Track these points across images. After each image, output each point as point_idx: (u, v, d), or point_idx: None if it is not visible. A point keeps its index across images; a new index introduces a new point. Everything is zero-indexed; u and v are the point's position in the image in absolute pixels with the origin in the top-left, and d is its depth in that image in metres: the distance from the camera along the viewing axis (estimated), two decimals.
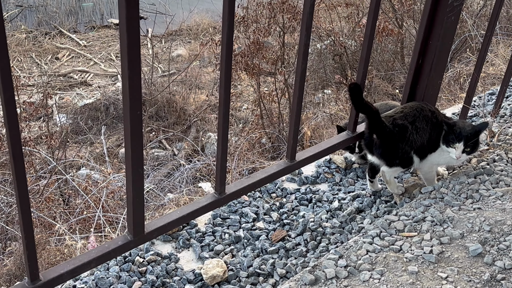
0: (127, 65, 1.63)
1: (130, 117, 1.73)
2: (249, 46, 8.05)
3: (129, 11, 1.55)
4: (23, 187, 1.64)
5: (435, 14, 2.49)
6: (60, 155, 6.59)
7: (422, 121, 2.43)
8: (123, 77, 1.68)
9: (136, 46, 1.62)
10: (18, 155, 1.58)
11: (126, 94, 1.69)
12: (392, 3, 8.65)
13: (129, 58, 1.62)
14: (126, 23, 1.56)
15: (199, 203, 2.16)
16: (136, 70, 1.65)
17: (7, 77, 1.45)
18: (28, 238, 1.72)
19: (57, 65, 10.41)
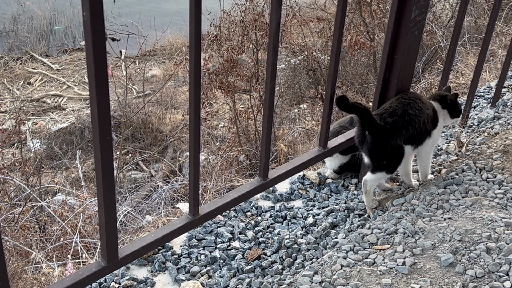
0: (95, 90, 1.64)
1: (100, 143, 1.73)
2: (223, 64, 8.09)
3: (95, 36, 1.56)
4: None
5: (399, 29, 2.55)
6: (35, 182, 6.52)
7: (413, 109, 2.48)
8: (91, 102, 1.69)
9: (103, 70, 1.63)
10: None
11: (95, 119, 1.70)
12: (363, 17, 8.78)
13: (97, 83, 1.63)
14: (92, 48, 1.57)
15: (173, 226, 2.16)
16: (104, 95, 1.66)
17: None
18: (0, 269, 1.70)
19: (30, 90, 10.33)
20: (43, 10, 12.55)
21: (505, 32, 7.00)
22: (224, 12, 8.22)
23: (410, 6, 2.46)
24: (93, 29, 1.55)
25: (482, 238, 2.16)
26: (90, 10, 1.52)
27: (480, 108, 3.67)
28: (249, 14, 8.06)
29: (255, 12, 8.04)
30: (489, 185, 2.54)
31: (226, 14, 8.21)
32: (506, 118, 3.28)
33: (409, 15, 2.47)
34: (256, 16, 7.98)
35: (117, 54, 11.20)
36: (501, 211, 2.33)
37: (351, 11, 8.72)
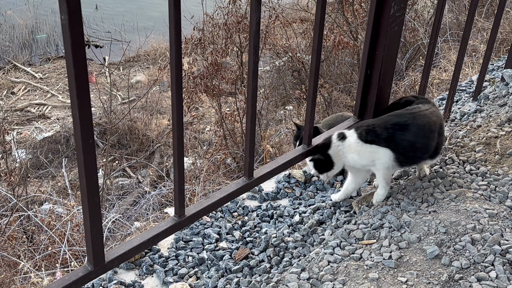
0: (75, 93, 1.64)
1: (83, 147, 1.73)
2: (208, 68, 8.08)
3: (74, 39, 1.56)
4: None
5: (379, 26, 2.57)
6: (21, 192, 6.47)
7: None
8: (72, 106, 1.68)
9: (83, 73, 1.62)
10: None
11: (77, 123, 1.69)
12: (346, 17, 8.82)
13: (77, 86, 1.62)
14: (71, 51, 1.57)
15: (160, 228, 2.16)
16: (85, 98, 1.66)
17: None
18: None
19: (13, 99, 10.27)
20: (24, 18, 12.48)
21: (486, 27, 7.07)
22: (207, 15, 8.21)
23: (389, 2, 2.48)
24: (72, 32, 1.55)
25: (466, 230, 2.17)
26: (68, 13, 1.51)
27: (462, 102, 3.71)
28: (232, 17, 8.06)
29: (238, 15, 8.04)
30: (473, 177, 2.56)
31: (209, 17, 8.20)
32: (488, 111, 3.31)
33: (389, 11, 2.49)
34: (239, 18, 7.98)
35: (101, 61, 11.17)
36: (485, 203, 2.35)
37: (333, 11, 8.76)
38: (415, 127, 2.44)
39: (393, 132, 2.43)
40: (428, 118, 2.47)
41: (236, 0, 8.09)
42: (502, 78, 3.60)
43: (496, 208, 2.29)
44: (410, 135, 2.44)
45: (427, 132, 2.46)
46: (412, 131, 2.44)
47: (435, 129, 2.48)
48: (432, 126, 2.47)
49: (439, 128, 2.52)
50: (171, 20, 1.86)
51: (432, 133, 2.47)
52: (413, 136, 2.44)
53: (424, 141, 2.46)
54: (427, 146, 2.48)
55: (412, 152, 2.47)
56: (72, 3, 1.51)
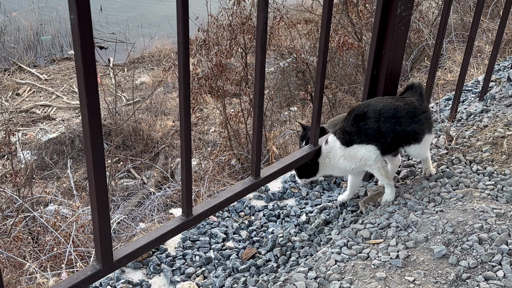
0: (84, 92, 1.64)
1: (91, 146, 1.74)
2: (212, 69, 8.09)
3: (83, 38, 1.56)
4: None
5: (386, 25, 2.57)
6: (26, 193, 6.48)
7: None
8: (81, 105, 1.69)
9: (92, 72, 1.63)
10: None
11: (86, 122, 1.70)
12: (350, 18, 8.82)
13: (86, 85, 1.63)
14: (81, 50, 1.58)
15: (167, 227, 2.17)
16: (94, 97, 1.67)
17: None
18: None
19: (18, 101, 10.28)
20: (29, 20, 12.50)
21: (491, 28, 7.06)
22: (212, 16, 8.23)
23: (396, 1, 2.48)
24: (81, 31, 1.56)
25: (474, 229, 2.17)
26: (77, 12, 1.52)
27: (468, 102, 3.70)
28: (237, 18, 8.07)
29: (242, 16, 8.05)
30: (479, 177, 2.56)
31: (213, 18, 8.22)
32: (494, 111, 3.31)
33: (395, 11, 2.50)
34: (243, 19, 7.99)
35: (106, 62, 11.18)
36: (492, 202, 2.35)
37: (338, 12, 8.75)
38: (371, 113, 2.46)
39: (357, 125, 2.48)
40: (385, 103, 2.48)
41: (240, 1, 8.10)
42: (509, 78, 3.60)
43: (503, 208, 2.29)
44: (371, 122, 2.46)
45: (387, 116, 2.46)
46: (370, 118, 2.46)
47: (401, 114, 2.46)
48: (395, 110, 2.46)
49: (412, 114, 2.50)
50: (179, 19, 1.87)
51: (396, 117, 2.46)
52: (374, 122, 2.46)
53: (388, 125, 2.46)
54: (395, 130, 2.47)
55: (383, 138, 2.48)
56: (82, 2, 1.52)
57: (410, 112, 2.48)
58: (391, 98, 2.54)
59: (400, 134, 2.48)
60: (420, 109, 2.51)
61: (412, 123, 2.48)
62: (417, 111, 2.50)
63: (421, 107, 2.53)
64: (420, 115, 2.50)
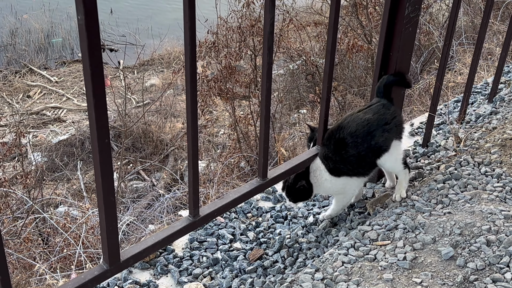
0: (91, 93, 1.65)
1: (99, 146, 1.74)
2: (222, 71, 8.11)
3: (90, 39, 1.57)
4: None
5: (393, 27, 2.56)
6: (37, 194, 6.52)
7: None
8: (88, 105, 1.70)
9: (99, 73, 1.64)
10: None
11: (93, 122, 1.71)
12: (360, 20, 8.81)
13: (93, 85, 1.64)
14: (88, 51, 1.59)
15: (174, 227, 2.17)
16: (101, 98, 1.67)
17: None
18: (4, 281, 1.71)
19: (29, 103, 10.36)
20: (40, 23, 12.60)
21: (502, 30, 7.02)
22: (221, 19, 8.24)
23: (404, 3, 2.48)
24: (88, 32, 1.57)
25: (482, 231, 2.16)
26: (84, 13, 1.53)
27: (477, 104, 3.68)
28: (246, 20, 8.09)
29: (251, 18, 8.07)
30: (488, 178, 2.55)
31: (223, 21, 8.24)
32: (503, 113, 3.29)
33: (403, 12, 2.49)
34: (253, 22, 8.01)
35: (116, 65, 11.25)
36: (500, 204, 2.34)
37: (347, 14, 8.75)
38: (349, 138, 2.39)
39: (339, 154, 2.41)
40: (357, 121, 2.40)
41: (250, 4, 8.13)
42: None
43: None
44: (351, 149, 2.39)
45: (363, 136, 2.39)
46: (349, 144, 2.39)
47: (374, 127, 2.39)
48: (368, 126, 2.39)
49: (383, 122, 2.41)
50: (185, 21, 1.88)
51: (370, 133, 2.39)
52: (353, 148, 2.39)
53: (365, 146, 2.39)
54: (371, 147, 2.40)
55: (364, 161, 2.43)
56: (89, 3, 1.53)
57: (380, 121, 2.41)
58: (361, 113, 2.44)
59: (375, 149, 2.42)
60: (390, 115, 2.44)
61: (384, 132, 2.41)
62: (387, 118, 2.43)
63: (390, 112, 2.45)
64: (391, 122, 2.43)
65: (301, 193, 2.51)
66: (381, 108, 2.45)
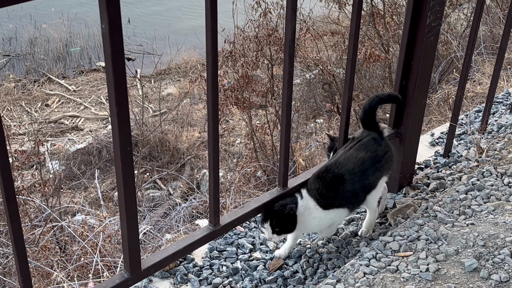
0: (114, 101, 1.66)
1: (121, 154, 1.75)
2: (238, 80, 8.12)
3: (114, 47, 1.58)
4: (19, 237, 1.64)
5: (415, 36, 2.55)
6: (55, 202, 6.56)
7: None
8: (111, 114, 1.70)
9: (122, 81, 1.64)
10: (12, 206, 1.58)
11: (116, 131, 1.71)
12: (377, 29, 8.79)
13: (116, 93, 1.65)
14: (111, 59, 1.59)
15: (195, 236, 2.17)
16: (124, 106, 1.68)
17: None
18: (24, 277, 1.71)
19: (48, 111, 10.44)
20: (59, 32, 12.72)
21: None
22: (238, 28, 8.27)
23: (425, 11, 2.46)
24: (112, 40, 1.58)
25: (505, 243, 2.13)
26: (108, 22, 1.54)
27: (499, 114, 3.65)
28: (263, 30, 8.10)
29: (269, 27, 8.08)
30: (511, 190, 2.51)
31: (240, 30, 8.26)
32: None
33: (425, 21, 2.47)
34: (270, 31, 8.02)
35: (133, 74, 11.30)
36: None
37: (365, 23, 8.73)
38: (347, 175, 2.32)
39: (336, 189, 2.33)
40: (353, 160, 2.34)
41: (267, 13, 8.14)
42: None
43: None
44: (349, 185, 2.33)
45: (359, 174, 2.33)
46: (347, 180, 2.32)
47: (367, 165, 2.33)
48: (362, 165, 2.33)
49: (375, 160, 2.36)
50: (207, 29, 1.88)
51: (364, 171, 2.33)
52: (351, 184, 2.32)
53: (360, 184, 2.34)
54: (364, 185, 2.36)
55: (356, 197, 2.37)
56: (113, 12, 1.54)
57: (373, 159, 2.34)
58: (354, 150, 2.36)
59: (367, 187, 2.38)
60: (382, 151, 2.38)
61: (376, 171, 2.36)
62: (379, 155, 2.37)
63: (382, 148, 2.39)
64: (382, 159, 2.38)
65: (289, 221, 2.32)
66: (373, 144, 2.37)
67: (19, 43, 12.54)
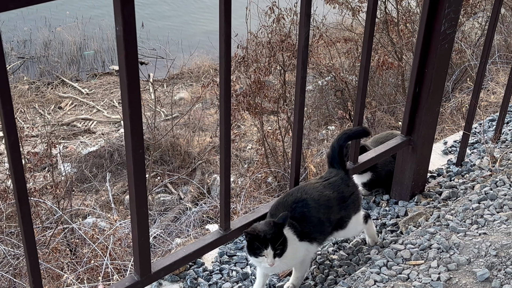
0: (127, 103, 1.66)
1: (133, 156, 1.75)
2: (251, 86, 8.12)
3: (128, 49, 1.59)
4: (30, 238, 1.64)
5: (429, 43, 2.54)
6: (66, 205, 6.59)
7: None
8: (124, 116, 1.71)
9: (136, 83, 1.65)
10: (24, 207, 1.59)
11: (128, 133, 1.72)
12: (391, 37, 8.77)
13: (130, 95, 1.65)
14: (125, 61, 1.60)
15: (205, 240, 2.16)
16: (137, 108, 1.68)
17: (10, 123, 1.48)
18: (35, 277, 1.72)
19: (60, 114, 10.51)
20: (73, 35, 12.81)
21: None
22: (251, 34, 8.28)
23: (440, 19, 2.45)
24: (126, 42, 1.58)
25: None
26: (122, 24, 1.55)
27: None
28: (276, 36, 8.10)
29: (282, 33, 8.08)
30: None
31: (253, 35, 8.27)
32: None
33: (439, 28, 2.46)
34: (283, 37, 8.02)
35: (146, 78, 11.35)
36: None
37: (378, 31, 8.70)
38: (312, 203, 2.21)
39: (303, 214, 2.20)
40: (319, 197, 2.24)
41: (280, 19, 8.14)
42: None
43: None
44: (314, 212, 2.20)
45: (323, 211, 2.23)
46: (312, 208, 2.21)
47: (332, 203, 2.25)
48: (327, 202, 2.24)
49: (341, 200, 2.28)
50: (221, 33, 1.88)
51: (329, 208, 2.24)
52: (316, 212, 2.21)
53: (326, 216, 2.22)
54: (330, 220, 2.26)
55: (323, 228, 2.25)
56: (127, 14, 1.55)
57: (339, 200, 2.27)
58: (319, 184, 2.28)
59: (332, 223, 2.27)
60: (348, 192, 2.31)
61: (341, 210, 2.27)
62: (345, 196, 2.29)
63: (348, 189, 2.31)
64: (348, 199, 2.30)
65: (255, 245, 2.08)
66: (340, 183, 2.29)
67: (34, 46, 12.64)
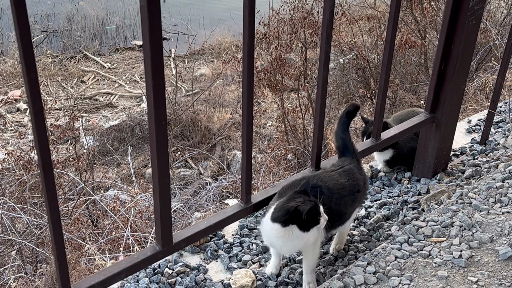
0: (151, 75, 1.66)
1: (156, 128, 1.75)
2: (272, 63, 8.09)
3: (151, 20, 1.58)
4: (54, 207, 1.67)
5: (456, 19, 2.49)
6: (88, 177, 6.66)
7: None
8: (147, 88, 1.71)
9: (159, 55, 1.65)
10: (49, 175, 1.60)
11: (151, 104, 1.72)
12: (414, 15, 8.64)
13: (153, 67, 1.65)
14: (149, 32, 1.59)
15: (226, 213, 2.18)
16: (160, 80, 1.68)
17: (35, 91, 1.50)
18: (58, 244, 1.75)
19: (83, 88, 10.58)
20: (96, 10, 12.84)
21: None
22: (273, 10, 8.22)
23: None
24: (150, 13, 1.58)
25: None
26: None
27: None
28: (298, 12, 8.04)
29: (304, 10, 8.01)
30: None
31: (275, 12, 8.21)
32: None
33: (467, 3, 2.42)
34: (305, 14, 7.95)
35: (167, 53, 11.35)
36: None
37: (402, 9, 8.58)
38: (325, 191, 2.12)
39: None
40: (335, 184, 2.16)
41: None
42: None
43: None
44: (325, 200, 2.08)
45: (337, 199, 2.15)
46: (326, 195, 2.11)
47: (345, 192, 2.17)
48: (342, 189, 2.17)
49: (355, 189, 2.21)
50: (245, 5, 1.87)
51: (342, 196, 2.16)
52: (327, 201, 2.09)
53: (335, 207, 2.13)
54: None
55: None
56: None
57: (353, 188, 2.19)
58: (335, 173, 2.19)
59: (339, 213, 2.17)
60: (362, 181, 2.24)
61: (353, 202, 2.20)
62: (360, 185, 2.22)
63: (362, 178, 2.25)
64: (361, 190, 2.23)
65: (314, 212, 1.98)
66: (355, 172, 2.23)
67: (57, 20, 12.70)
